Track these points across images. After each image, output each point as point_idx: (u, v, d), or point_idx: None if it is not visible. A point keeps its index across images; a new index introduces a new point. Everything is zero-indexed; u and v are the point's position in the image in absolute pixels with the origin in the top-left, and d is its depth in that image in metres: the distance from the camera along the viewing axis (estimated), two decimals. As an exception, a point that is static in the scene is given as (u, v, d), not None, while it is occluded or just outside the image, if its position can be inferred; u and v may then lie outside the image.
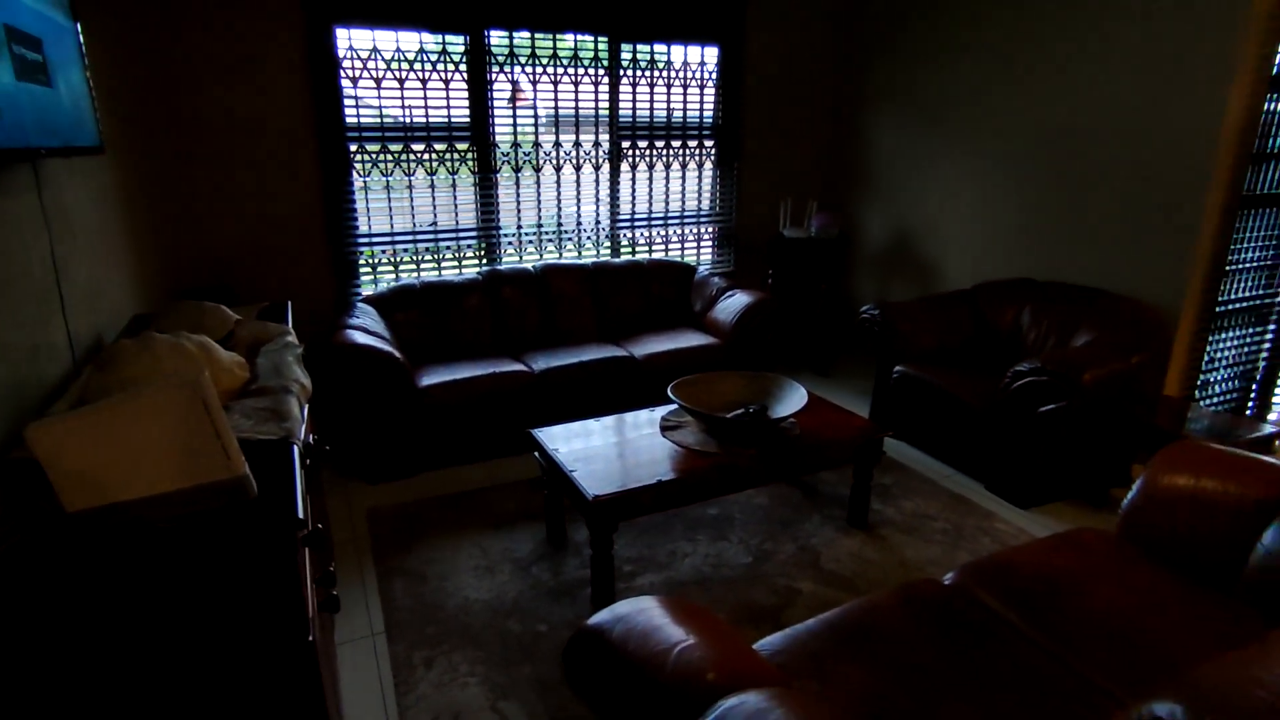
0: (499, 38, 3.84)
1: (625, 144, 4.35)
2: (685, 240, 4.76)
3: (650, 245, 4.66)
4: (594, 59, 4.10)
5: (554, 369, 3.51)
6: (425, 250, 4.02)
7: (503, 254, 4.21)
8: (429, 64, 3.72)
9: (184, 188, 3.41)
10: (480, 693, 2.02)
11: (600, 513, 2.22)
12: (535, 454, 2.70)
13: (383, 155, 3.75)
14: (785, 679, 1.17)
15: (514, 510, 2.99)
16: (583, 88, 4.13)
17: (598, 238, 4.48)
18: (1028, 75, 3.61)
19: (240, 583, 1.11)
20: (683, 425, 2.72)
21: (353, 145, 3.67)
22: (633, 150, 4.38)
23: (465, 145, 3.92)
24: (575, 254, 4.45)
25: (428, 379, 3.33)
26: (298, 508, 1.21)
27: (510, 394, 3.40)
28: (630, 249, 4.61)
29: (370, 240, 3.87)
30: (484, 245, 4.15)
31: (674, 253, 4.74)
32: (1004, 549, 1.96)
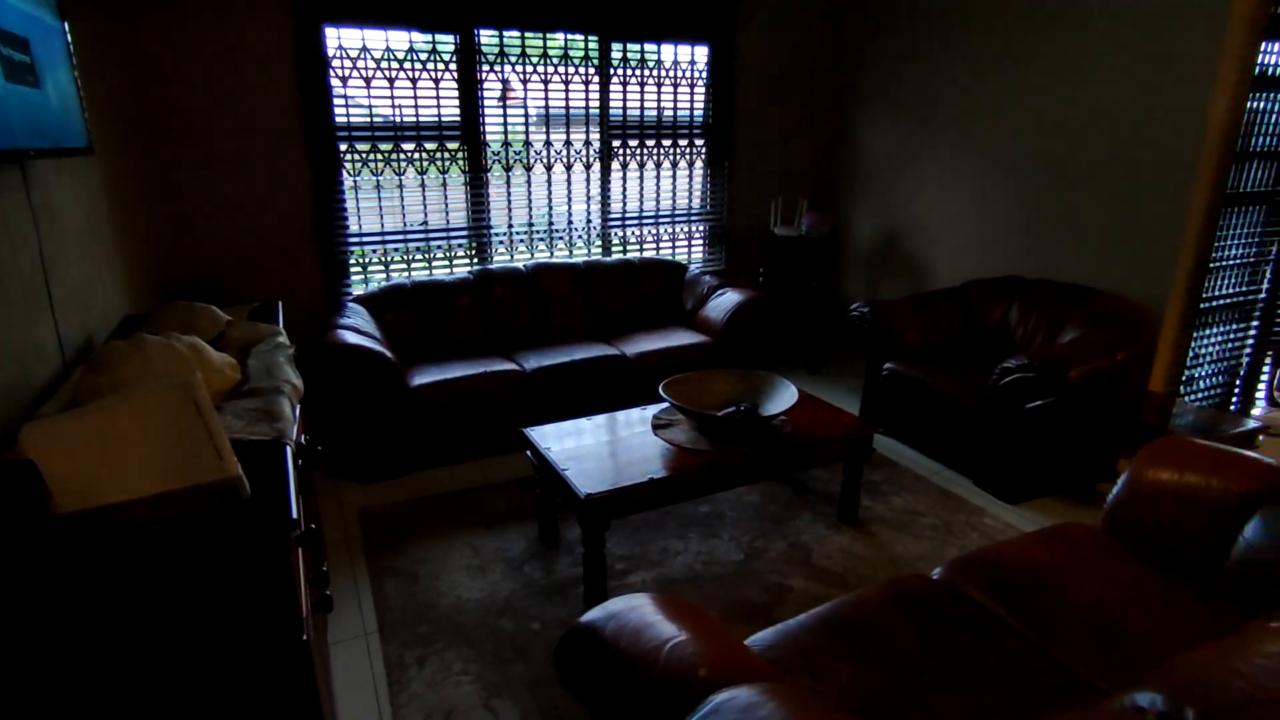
0: (489, 37, 3.84)
1: (616, 143, 4.35)
2: (676, 239, 4.76)
3: (641, 244, 4.66)
4: (584, 58, 4.10)
5: (545, 368, 3.52)
6: (416, 249, 4.01)
7: (494, 253, 4.20)
8: (419, 63, 3.71)
9: (174, 188, 3.39)
10: (473, 691, 2.03)
11: (592, 511, 2.23)
12: (527, 453, 2.71)
13: (373, 154, 3.74)
14: (776, 674, 1.19)
15: (506, 509, 3.00)
16: (573, 86, 4.13)
17: (589, 236, 4.48)
18: (1016, 75, 3.64)
19: (234, 583, 1.11)
20: (674, 423, 2.74)
21: (343, 144, 3.66)
22: (623, 149, 4.38)
23: (456, 144, 3.91)
24: (566, 253, 4.45)
25: (419, 378, 3.32)
26: (291, 508, 1.22)
27: (502, 393, 3.41)
28: (621, 248, 4.61)
29: (361, 240, 3.86)
30: (475, 244, 4.14)
31: (665, 251, 4.74)
32: (992, 544, 1.99)
